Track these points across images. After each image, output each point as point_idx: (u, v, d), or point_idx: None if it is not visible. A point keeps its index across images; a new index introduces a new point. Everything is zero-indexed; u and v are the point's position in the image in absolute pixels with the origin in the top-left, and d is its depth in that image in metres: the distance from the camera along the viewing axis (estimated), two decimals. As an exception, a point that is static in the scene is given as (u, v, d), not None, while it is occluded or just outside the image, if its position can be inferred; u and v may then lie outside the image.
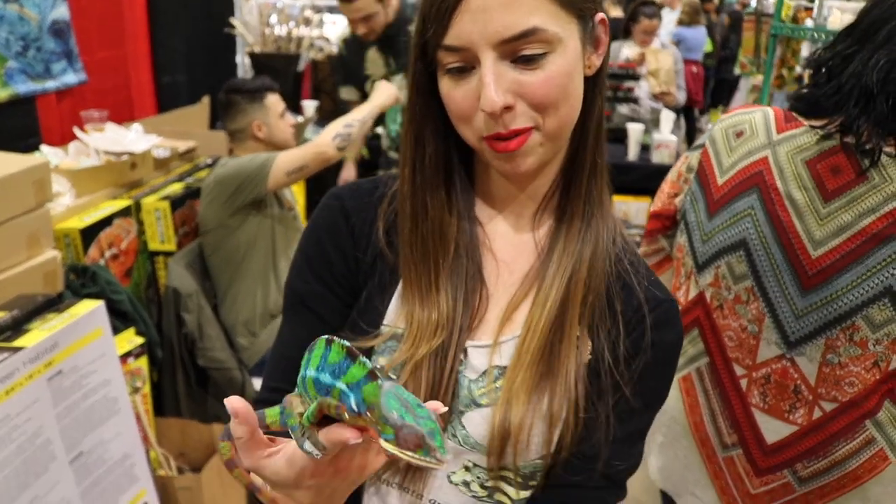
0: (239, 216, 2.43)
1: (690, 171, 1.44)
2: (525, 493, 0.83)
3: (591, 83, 0.81)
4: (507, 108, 0.73)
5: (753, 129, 1.35)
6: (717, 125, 1.41)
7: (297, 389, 0.64)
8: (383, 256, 0.86)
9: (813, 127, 1.26)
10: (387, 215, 0.87)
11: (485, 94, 0.72)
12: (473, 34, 0.71)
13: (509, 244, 0.87)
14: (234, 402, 0.62)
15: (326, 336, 0.61)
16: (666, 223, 1.54)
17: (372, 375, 0.56)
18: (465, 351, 0.82)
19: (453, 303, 0.82)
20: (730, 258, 1.34)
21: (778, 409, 1.34)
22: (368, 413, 0.55)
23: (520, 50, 0.72)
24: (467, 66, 0.74)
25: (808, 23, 2.97)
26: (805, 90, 1.33)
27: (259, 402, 0.90)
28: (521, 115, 0.74)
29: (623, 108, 4.66)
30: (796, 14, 3.16)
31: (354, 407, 0.55)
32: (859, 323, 1.24)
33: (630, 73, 4.43)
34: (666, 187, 1.51)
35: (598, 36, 0.80)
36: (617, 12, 6.82)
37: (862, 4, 1.34)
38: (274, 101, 2.60)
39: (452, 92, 0.76)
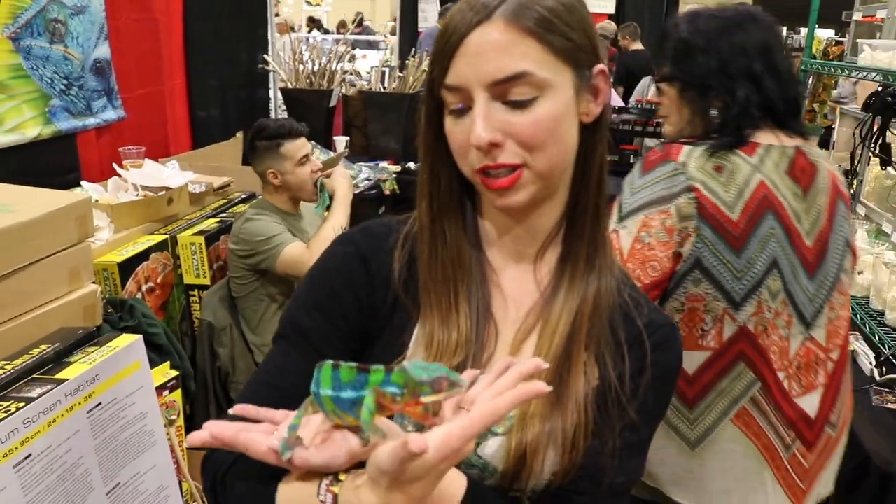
0: (260, 270, 2.48)
1: (684, 219, 1.40)
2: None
3: (591, 130, 0.85)
4: (495, 145, 0.78)
5: (725, 160, 1.42)
6: (689, 171, 1.41)
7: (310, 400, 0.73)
8: (401, 300, 0.89)
9: (770, 146, 1.44)
10: (401, 259, 0.90)
11: (473, 129, 0.77)
12: (469, 75, 0.77)
13: (513, 281, 0.91)
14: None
15: (331, 361, 0.69)
16: (666, 286, 1.46)
17: (388, 370, 0.67)
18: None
19: (471, 325, 0.86)
20: (767, 281, 1.41)
21: (811, 385, 1.48)
22: (406, 390, 0.65)
23: (510, 92, 0.77)
24: (465, 106, 0.79)
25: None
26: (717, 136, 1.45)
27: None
28: (509, 152, 0.79)
29: (651, 143, 4.68)
30: (827, 49, 3.16)
31: (398, 392, 0.66)
32: (841, 278, 1.51)
33: (658, 108, 4.43)
34: (655, 253, 1.42)
35: (597, 86, 0.84)
36: (637, 45, 6.88)
37: (894, 41, 1.44)
38: (292, 148, 2.54)
39: (453, 129, 0.81)
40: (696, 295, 1.42)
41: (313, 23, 12.99)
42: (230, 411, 0.75)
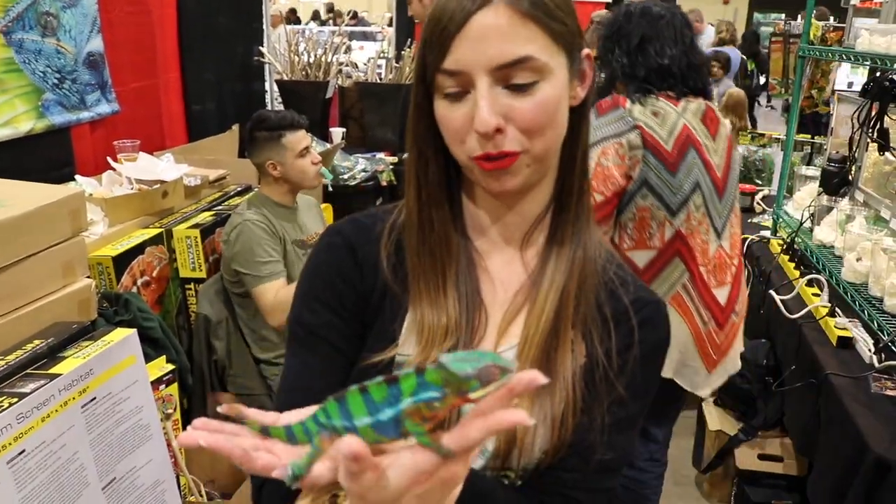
0: None
1: (633, 149, 1.93)
2: (519, 482, 0.86)
3: (577, 113, 0.86)
4: (498, 131, 0.77)
5: (658, 108, 1.97)
6: (634, 114, 1.94)
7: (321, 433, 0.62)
8: (390, 288, 0.89)
9: (689, 101, 2.01)
10: (388, 247, 0.90)
11: (478, 115, 0.76)
12: (471, 60, 0.76)
13: (501, 264, 0.91)
14: (353, 446, 0.53)
15: (356, 385, 0.59)
16: (620, 198, 1.97)
17: (420, 370, 0.57)
18: None
19: (461, 310, 0.86)
20: (693, 196, 1.97)
21: (722, 281, 2.05)
22: (448, 390, 0.56)
23: (513, 76, 0.77)
24: (462, 90, 0.78)
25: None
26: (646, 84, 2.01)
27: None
28: (511, 139, 0.78)
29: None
30: (824, 35, 3.14)
31: (438, 395, 0.56)
32: (736, 204, 2.12)
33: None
34: (612, 172, 1.93)
35: (584, 70, 0.86)
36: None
37: (893, 26, 1.51)
38: (293, 140, 2.54)
39: (448, 114, 0.80)
40: (644, 207, 1.97)
41: (294, 15, 12.88)
42: (218, 409, 0.74)
